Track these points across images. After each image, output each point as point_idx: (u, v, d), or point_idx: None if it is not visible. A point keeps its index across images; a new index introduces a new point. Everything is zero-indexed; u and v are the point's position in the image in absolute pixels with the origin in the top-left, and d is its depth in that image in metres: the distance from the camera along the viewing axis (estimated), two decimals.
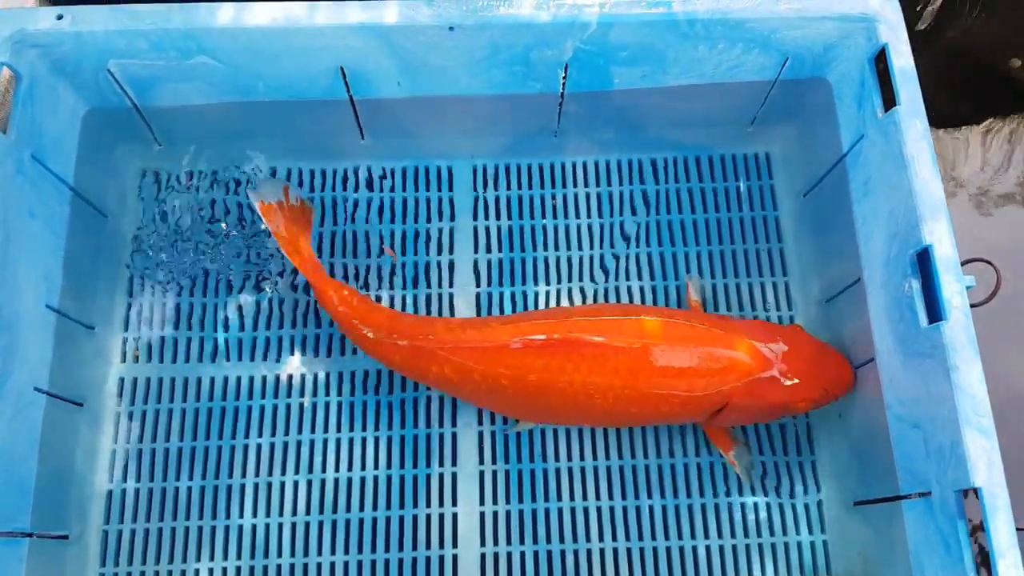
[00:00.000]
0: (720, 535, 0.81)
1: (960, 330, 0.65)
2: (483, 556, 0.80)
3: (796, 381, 0.74)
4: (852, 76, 0.78)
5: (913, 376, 0.70)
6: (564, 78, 0.81)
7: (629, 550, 0.81)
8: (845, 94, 0.80)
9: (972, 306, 0.67)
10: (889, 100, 0.74)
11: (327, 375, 0.85)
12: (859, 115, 0.78)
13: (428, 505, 0.81)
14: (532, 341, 0.73)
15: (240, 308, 0.87)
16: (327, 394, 0.85)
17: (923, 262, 0.69)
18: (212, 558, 0.79)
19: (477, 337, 0.74)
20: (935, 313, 0.68)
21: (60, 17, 0.73)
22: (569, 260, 0.90)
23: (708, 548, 0.81)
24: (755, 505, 0.82)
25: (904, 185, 0.70)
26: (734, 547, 0.81)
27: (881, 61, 0.75)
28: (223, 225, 0.88)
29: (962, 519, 0.64)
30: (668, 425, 0.84)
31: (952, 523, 0.64)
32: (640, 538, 0.81)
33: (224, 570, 0.79)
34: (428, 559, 0.80)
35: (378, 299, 0.88)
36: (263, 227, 0.84)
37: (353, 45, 0.76)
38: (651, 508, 0.82)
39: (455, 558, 0.80)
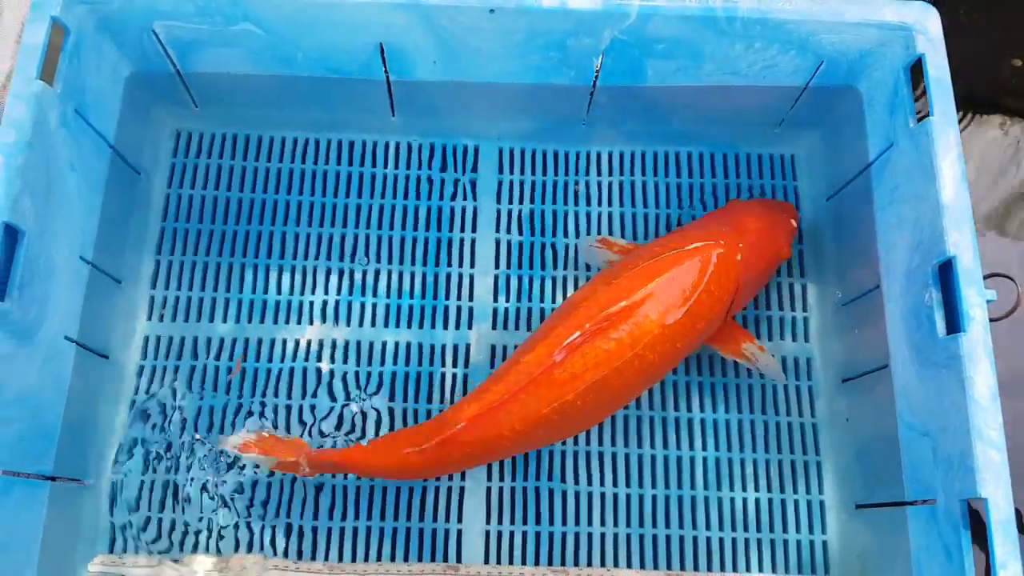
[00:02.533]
0: (721, 527, 0.83)
1: (978, 342, 0.66)
2: (487, 533, 0.82)
3: (770, 230, 0.81)
4: (885, 84, 0.79)
5: (927, 385, 0.71)
6: (598, 68, 0.82)
7: (629, 536, 0.82)
8: (876, 101, 0.80)
9: (991, 320, 0.67)
10: (921, 110, 0.74)
11: (346, 343, 0.87)
12: (890, 123, 0.78)
13: (437, 479, 0.83)
14: (572, 342, 0.72)
15: (267, 270, 0.89)
16: (344, 362, 0.86)
17: (944, 273, 0.70)
18: (227, 511, 0.81)
19: (525, 373, 0.72)
20: (954, 324, 0.68)
21: None
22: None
23: (708, 540, 0.82)
24: (756, 501, 0.84)
25: (932, 196, 0.71)
26: (733, 540, 0.82)
27: (914, 71, 0.76)
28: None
29: (966, 529, 0.65)
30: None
31: (955, 532, 0.65)
32: (641, 525, 0.82)
33: (236, 525, 0.81)
34: (435, 531, 0.82)
35: (400, 275, 0.89)
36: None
37: (394, 22, 0.77)
38: (654, 497, 0.83)
39: (459, 532, 0.82)
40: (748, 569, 0.82)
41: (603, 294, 0.74)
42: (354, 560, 0.81)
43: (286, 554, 0.81)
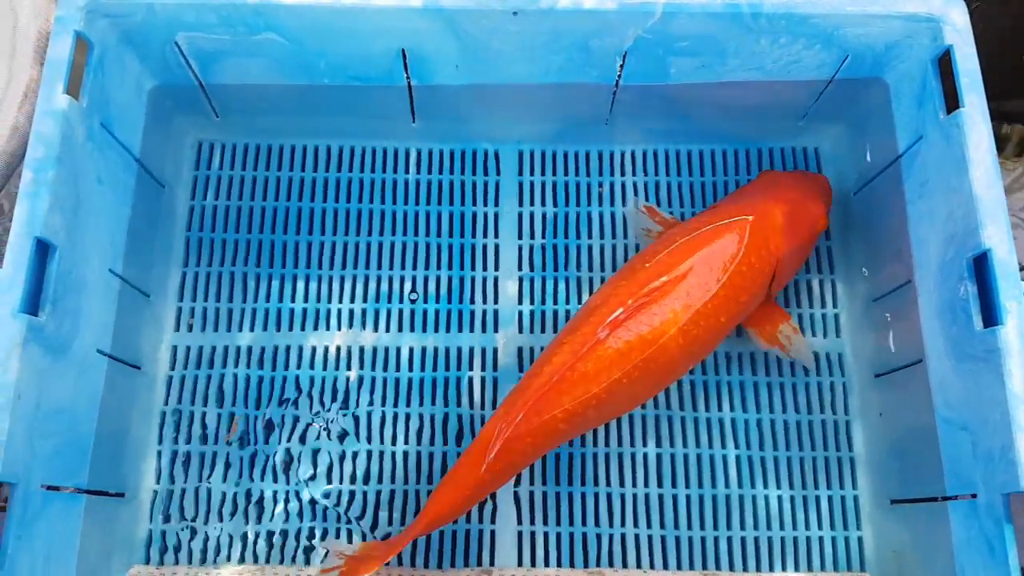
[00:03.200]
0: (755, 526, 0.82)
1: (1016, 335, 0.65)
2: (520, 534, 0.82)
3: (806, 200, 0.80)
4: (913, 76, 0.78)
5: (964, 379, 0.70)
6: (621, 67, 0.81)
7: (663, 537, 0.82)
8: (904, 94, 0.80)
9: None
10: (951, 102, 0.73)
11: (373, 349, 0.87)
12: (918, 116, 0.77)
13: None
14: (615, 319, 0.71)
15: (293, 279, 0.89)
16: (373, 368, 0.86)
17: (980, 266, 0.69)
18: (259, 520, 0.81)
19: (571, 353, 0.71)
20: (991, 318, 0.68)
21: None
22: (614, 248, 0.91)
23: (743, 539, 0.82)
24: (791, 499, 0.83)
25: (964, 188, 0.70)
26: (769, 539, 0.82)
27: (941, 63, 0.75)
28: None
29: (1008, 522, 0.64)
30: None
31: (998, 526, 0.65)
32: (676, 526, 0.82)
33: (270, 533, 0.81)
34: (468, 532, 0.82)
35: (424, 280, 0.89)
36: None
37: (417, 27, 0.76)
38: (688, 497, 0.83)
39: (493, 533, 0.82)
40: (784, 568, 0.82)
41: (643, 271, 0.74)
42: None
43: (307, 562, 0.81)
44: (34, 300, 0.67)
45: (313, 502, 0.82)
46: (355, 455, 0.84)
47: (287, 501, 0.82)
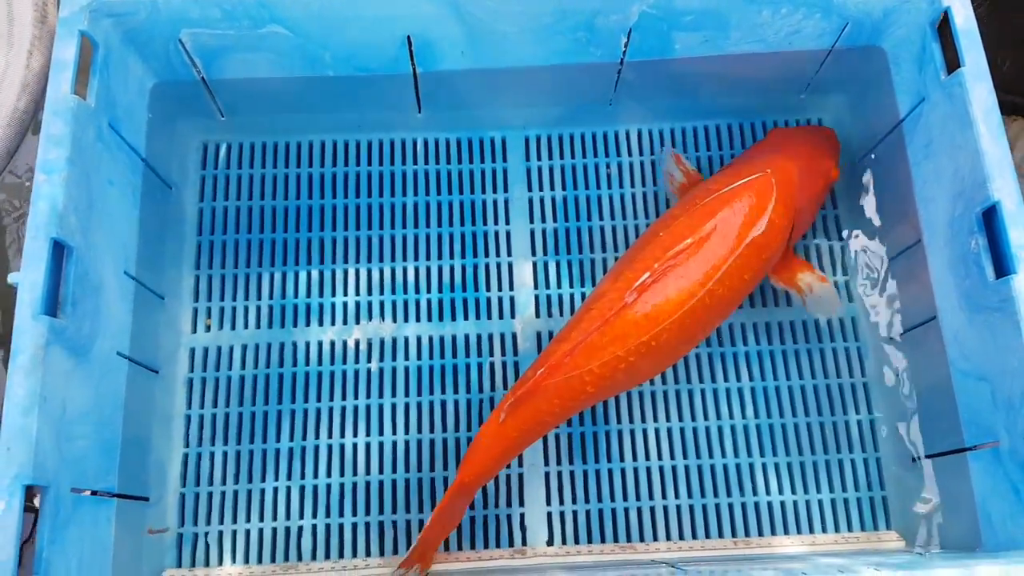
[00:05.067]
0: (780, 491, 0.83)
1: None
2: (549, 514, 0.82)
3: (817, 153, 0.83)
4: (911, 40, 0.80)
5: (980, 330, 0.71)
6: (626, 44, 0.82)
7: (692, 507, 0.83)
8: (903, 59, 0.81)
9: None
10: (951, 63, 0.75)
11: (393, 340, 0.87)
12: (919, 79, 0.79)
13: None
14: (643, 283, 0.72)
15: (308, 275, 0.88)
16: (394, 359, 0.86)
17: (989, 219, 0.71)
18: (288, 516, 0.81)
19: (599, 317, 0.72)
20: (1003, 268, 0.69)
21: None
22: (625, 229, 0.92)
23: (770, 504, 0.83)
24: (814, 464, 0.84)
25: (970, 145, 0.72)
26: (795, 503, 0.83)
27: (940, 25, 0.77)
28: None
29: None
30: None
31: (1023, 470, 0.66)
32: (702, 495, 0.83)
33: (300, 528, 0.81)
34: (498, 517, 0.82)
35: (439, 269, 0.89)
36: None
37: (423, 12, 0.77)
38: (712, 467, 0.84)
39: (522, 516, 0.82)
40: (812, 531, 0.83)
41: (668, 235, 0.75)
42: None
43: (354, 553, 0.80)
44: (53, 302, 0.66)
45: (342, 496, 0.82)
46: (381, 446, 0.83)
47: (316, 496, 0.82)
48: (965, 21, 0.74)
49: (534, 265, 0.90)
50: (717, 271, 0.74)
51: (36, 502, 0.63)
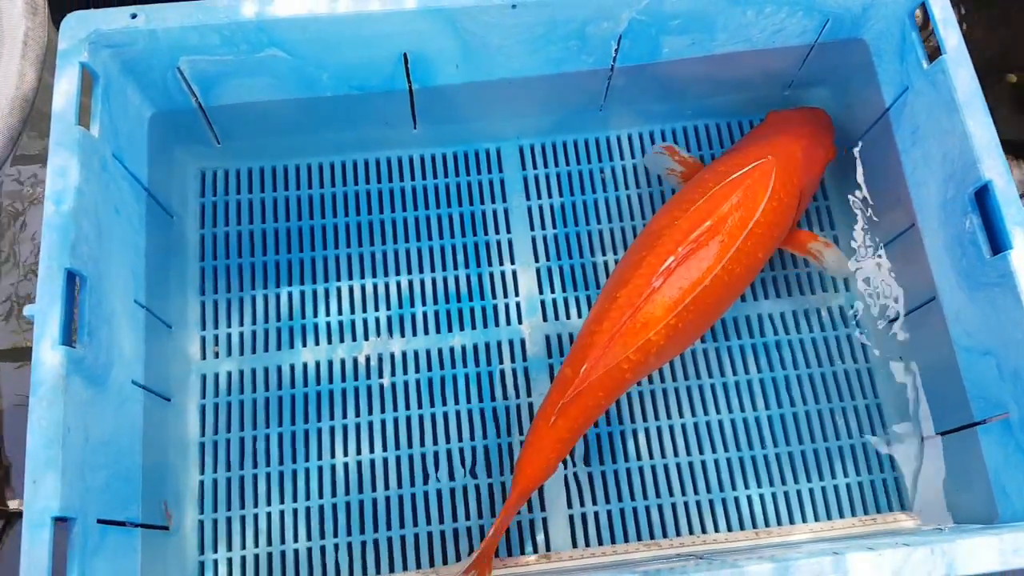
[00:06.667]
0: (796, 480, 0.84)
1: None
2: (571, 517, 0.82)
3: (817, 133, 0.86)
4: (891, 32, 0.82)
5: (981, 306, 0.73)
6: (616, 51, 0.84)
7: (711, 501, 0.83)
8: (884, 50, 0.84)
9: None
10: (932, 51, 0.78)
11: (403, 354, 0.87)
12: (901, 68, 0.82)
13: (513, 472, 0.83)
14: (668, 267, 0.75)
15: (313, 295, 0.89)
16: (405, 373, 0.86)
17: (981, 199, 0.73)
18: (309, 537, 0.81)
19: (629, 304, 0.75)
20: (999, 245, 0.71)
21: (134, 16, 0.75)
22: (623, 230, 0.93)
23: (786, 494, 0.84)
24: (827, 451, 0.85)
25: (957, 128, 0.74)
26: (811, 491, 0.84)
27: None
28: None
29: None
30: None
31: None
32: (720, 489, 0.84)
33: (323, 548, 0.80)
34: (519, 523, 0.82)
35: (444, 281, 0.90)
36: None
37: (418, 29, 0.78)
38: (728, 460, 0.85)
39: (544, 520, 0.82)
40: (829, 517, 0.84)
41: (685, 220, 0.78)
42: (445, 563, 0.80)
43: (378, 570, 0.80)
44: (70, 332, 0.66)
45: (363, 512, 0.82)
46: (398, 460, 0.83)
47: (335, 514, 0.81)
48: (942, 10, 0.77)
49: (537, 271, 0.91)
50: (733, 250, 0.77)
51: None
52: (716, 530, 0.83)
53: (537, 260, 0.92)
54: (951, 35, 0.76)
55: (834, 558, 0.61)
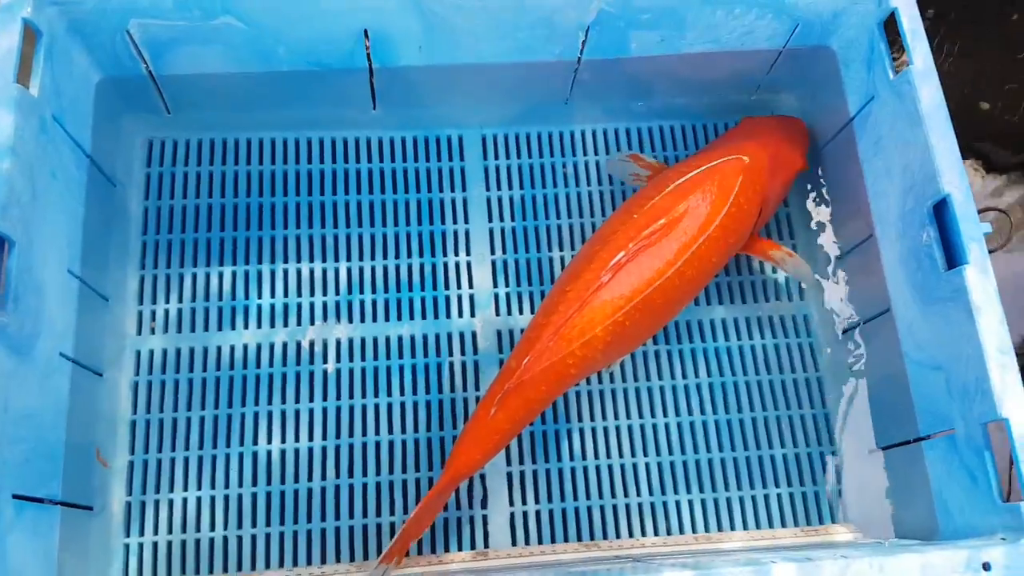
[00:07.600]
0: (739, 487, 0.84)
1: (981, 271, 0.69)
2: (512, 515, 0.81)
3: (787, 143, 0.84)
4: (860, 41, 0.82)
5: (934, 320, 0.73)
6: (583, 42, 0.83)
7: (653, 504, 0.82)
8: (852, 59, 0.84)
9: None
10: (899, 62, 0.77)
11: (349, 341, 0.85)
12: (868, 78, 0.81)
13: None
14: (617, 263, 0.73)
15: (259, 275, 0.86)
16: (350, 360, 0.84)
17: (939, 212, 0.73)
18: (240, 525, 0.78)
19: (576, 299, 0.73)
20: (955, 259, 0.71)
21: None
22: (582, 227, 0.92)
23: (728, 500, 0.83)
24: (772, 458, 0.85)
25: (920, 140, 0.74)
26: (753, 498, 0.83)
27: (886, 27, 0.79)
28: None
29: (988, 450, 0.67)
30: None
31: (979, 455, 0.68)
32: (663, 492, 0.83)
33: (249, 537, 0.78)
34: (459, 519, 0.80)
35: (396, 268, 0.88)
36: None
37: (381, 6, 0.76)
38: (672, 464, 0.84)
39: (485, 518, 0.80)
40: (771, 525, 0.83)
41: (641, 215, 0.76)
42: (373, 557, 0.78)
43: (308, 561, 0.78)
44: None
45: (297, 501, 0.79)
46: (338, 449, 0.81)
47: (269, 502, 0.79)
48: (911, 21, 0.77)
49: (493, 264, 0.89)
50: (687, 252, 0.75)
51: None
52: (656, 533, 0.82)
53: (493, 252, 0.90)
54: (919, 47, 0.76)
55: (756, 568, 0.60)
